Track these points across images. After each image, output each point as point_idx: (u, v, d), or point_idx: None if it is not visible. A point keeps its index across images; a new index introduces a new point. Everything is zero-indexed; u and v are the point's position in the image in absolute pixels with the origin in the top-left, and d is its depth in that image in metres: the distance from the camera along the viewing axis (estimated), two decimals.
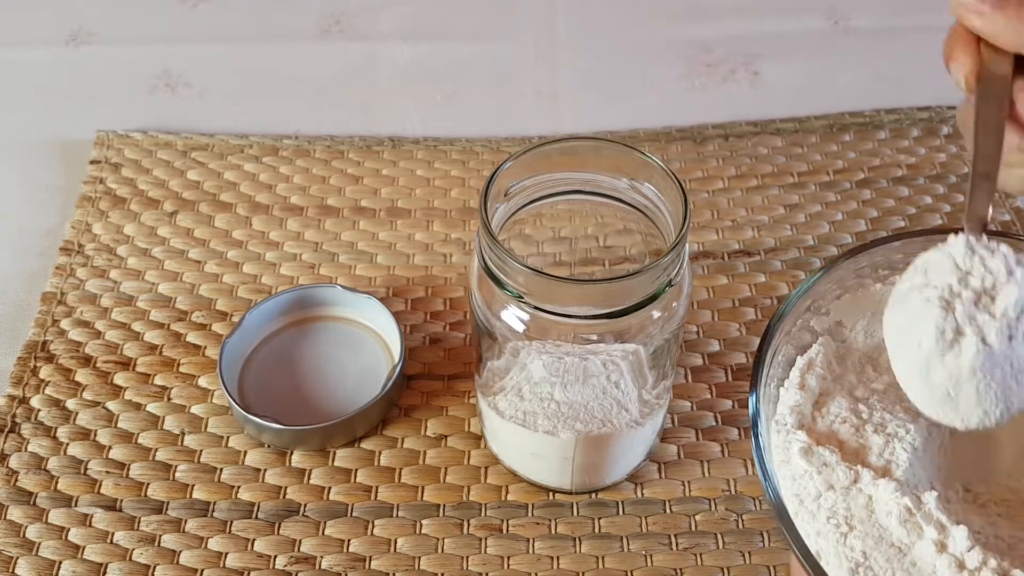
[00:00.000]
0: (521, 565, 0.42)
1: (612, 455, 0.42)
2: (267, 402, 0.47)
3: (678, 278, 0.36)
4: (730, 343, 0.50)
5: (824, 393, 0.34)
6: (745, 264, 0.53)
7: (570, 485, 0.44)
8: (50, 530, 0.43)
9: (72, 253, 0.54)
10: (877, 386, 0.34)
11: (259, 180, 0.58)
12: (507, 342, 0.38)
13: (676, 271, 0.35)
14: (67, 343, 0.50)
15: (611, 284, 0.35)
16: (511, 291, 0.35)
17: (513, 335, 0.37)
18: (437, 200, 0.57)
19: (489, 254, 0.35)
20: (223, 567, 0.42)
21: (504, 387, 0.40)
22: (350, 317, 0.51)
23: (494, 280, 0.35)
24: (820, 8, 0.72)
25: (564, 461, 0.42)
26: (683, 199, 0.35)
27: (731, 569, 0.42)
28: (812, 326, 0.35)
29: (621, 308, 0.35)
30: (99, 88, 0.66)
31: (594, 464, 0.42)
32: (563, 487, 0.44)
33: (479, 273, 0.37)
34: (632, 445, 0.42)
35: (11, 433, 0.46)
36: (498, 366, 0.40)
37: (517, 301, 0.35)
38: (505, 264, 0.34)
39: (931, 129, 0.61)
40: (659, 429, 0.45)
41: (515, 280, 0.35)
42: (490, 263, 0.35)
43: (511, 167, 0.37)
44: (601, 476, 0.44)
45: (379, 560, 0.42)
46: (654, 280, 0.34)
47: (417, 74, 0.67)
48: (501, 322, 0.37)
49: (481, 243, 0.35)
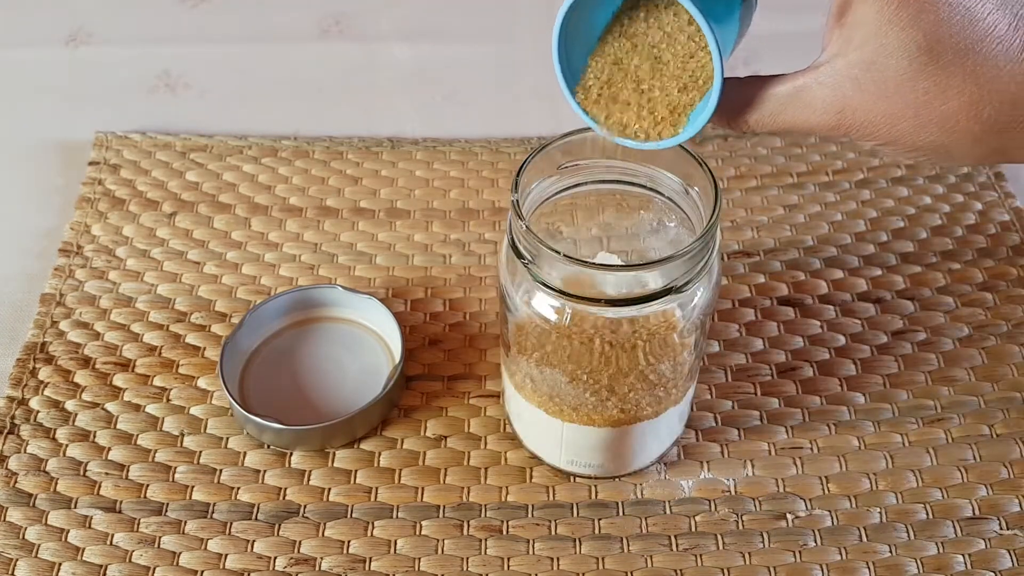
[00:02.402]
0: (521, 566, 0.42)
1: (641, 440, 0.42)
2: (267, 403, 0.47)
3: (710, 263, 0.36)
4: (730, 343, 0.50)
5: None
6: (744, 265, 0.53)
7: (599, 469, 0.44)
8: (50, 532, 0.43)
9: (71, 254, 0.54)
10: None
11: (258, 181, 0.58)
12: (535, 327, 0.38)
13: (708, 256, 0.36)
14: (66, 344, 0.50)
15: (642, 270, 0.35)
16: (539, 278, 0.35)
17: (543, 321, 0.37)
18: (436, 201, 0.57)
19: (520, 239, 0.35)
20: (223, 568, 0.42)
21: (531, 372, 0.40)
22: (350, 318, 0.51)
23: (521, 259, 0.36)
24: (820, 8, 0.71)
25: (598, 445, 0.42)
26: (713, 184, 0.36)
27: (731, 570, 0.42)
28: None
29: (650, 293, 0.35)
30: (98, 89, 0.66)
31: (622, 450, 0.43)
32: (586, 472, 0.44)
33: (508, 256, 0.37)
34: (658, 430, 0.42)
35: (10, 435, 0.46)
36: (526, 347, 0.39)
37: (547, 288, 0.35)
38: (535, 250, 0.35)
39: None
40: (686, 416, 0.45)
41: (545, 267, 0.35)
42: (519, 246, 0.36)
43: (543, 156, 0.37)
44: (628, 461, 0.44)
45: (379, 561, 0.42)
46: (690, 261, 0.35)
47: (416, 75, 0.67)
48: (531, 308, 0.37)
49: (512, 228, 0.36)
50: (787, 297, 0.52)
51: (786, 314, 0.51)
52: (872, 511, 0.43)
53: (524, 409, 0.42)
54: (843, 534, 0.42)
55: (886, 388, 0.48)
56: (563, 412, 0.41)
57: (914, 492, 0.44)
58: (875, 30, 0.31)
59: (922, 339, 0.50)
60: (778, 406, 0.47)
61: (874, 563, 0.41)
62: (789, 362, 0.49)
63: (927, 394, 0.48)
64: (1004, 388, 0.48)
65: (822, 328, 0.50)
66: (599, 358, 0.37)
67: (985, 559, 0.42)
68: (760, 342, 0.50)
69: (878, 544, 0.42)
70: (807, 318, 0.51)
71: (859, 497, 0.44)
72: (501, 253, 0.39)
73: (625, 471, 0.44)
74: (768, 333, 0.50)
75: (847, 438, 0.46)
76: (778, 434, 0.46)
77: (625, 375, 0.38)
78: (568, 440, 0.42)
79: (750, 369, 0.49)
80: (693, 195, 0.38)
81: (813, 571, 0.41)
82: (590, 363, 0.38)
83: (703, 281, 0.37)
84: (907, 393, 0.48)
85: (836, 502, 0.44)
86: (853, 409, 0.47)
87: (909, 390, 0.48)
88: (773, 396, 0.48)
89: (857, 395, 0.47)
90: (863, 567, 0.41)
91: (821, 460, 0.45)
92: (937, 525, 0.43)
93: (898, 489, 0.44)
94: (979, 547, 0.42)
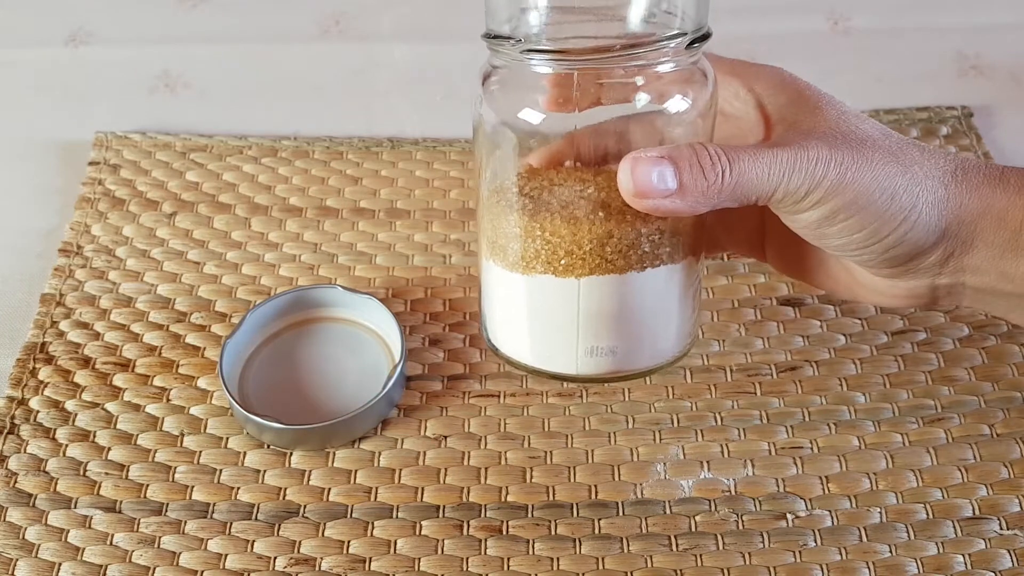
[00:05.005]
0: (521, 566, 0.42)
1: (634, 313, 0.38)
2: (267, 403, 0.47)
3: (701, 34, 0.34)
4: (730, 343, 0.50)
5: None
6: (745, 264, 0.53)
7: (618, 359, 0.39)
8: (50, 532, 0.43)
9: (71, 254, 0.54)
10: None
11: (258, 181, 0.58)
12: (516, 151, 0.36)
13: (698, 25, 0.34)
14: (66, 344, 0.50)
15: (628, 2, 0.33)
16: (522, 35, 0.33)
17: (530, 130, 0.35)
18: (436, 201, 0.57)
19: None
20: (223, 568, 0.42)
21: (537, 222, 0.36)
22: (350, 318, 0.51)
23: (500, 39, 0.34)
24: (820, 8, 0.72)
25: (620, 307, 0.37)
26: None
27: (731, 570, 0.42)
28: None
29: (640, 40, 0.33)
30: (98, 89, 0.66)
31: (610, 326, 0.38)
32: (605, 365, 0.39)
33: (484, 76, 0.36)
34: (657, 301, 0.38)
35: (10, 435, 0.46)
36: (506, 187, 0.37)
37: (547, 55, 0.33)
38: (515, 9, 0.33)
39: (930, 129, 0.61)
40: (696, 311, 0.40)
41: (526, 27, 0.33)
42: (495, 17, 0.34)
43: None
44: (648, 342, 0.39)
45: (379, 561, 0.42)
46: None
47: (416, 75, 0.67)
48: (519, 120, 0.35)
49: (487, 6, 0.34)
50: (787, 297, 0.52)
51: (786, 314, 0.51)
52: (872, 511, 0.43)
53: (523, 296, 0.38)
54: (843, 534, 0.42)
55: (886, 388, 0.48)
56: (577, 262, 0.36)
57: (914, 492, 0.44)
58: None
59: (922, 339, 0.50)
60: (778, 406, 0.47)
61: (874, 563, 0.41)
62: (789, 361, 0.49)
63: (927, 394, 0.48)
64: (1004, 388, 0.48)
65: (822, 328, 0.50)
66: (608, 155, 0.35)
67: (985, 559, 0.42)
68: (760, 342, 0.50)
69: (878, 544, 0.42)
70: (807, 318, 0.51)
71: (859, 497, 0.44)
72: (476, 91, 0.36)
73: (644, 362, 0.39)
74: (768, 333, 0.50)
75: (847, 438, 0.46)
76: (778, 434, 0.46)
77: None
78: (586, 310, 0.37)
79: (750, 369, 0.49)
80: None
81: (813, 571, 0.41)
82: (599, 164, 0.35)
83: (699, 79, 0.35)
84: (907, 393, 0.48)
85: (836, 502, 0.44)
86: (853, 409, 0.47)
87: (909, 390, 0.48)
88: (773, 396, 0.48)
89: (857, 394, 0.48)
90: (863, 567, 0.41)
91: (821, 460, 0.45)
92: (937, 525, 0.43)
93: (898, 489, 0.44)
94: (979, 547, 0.42)
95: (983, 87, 0.65)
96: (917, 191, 0.34)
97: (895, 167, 0.33)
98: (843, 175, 0.32)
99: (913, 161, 0.34)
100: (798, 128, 0.34)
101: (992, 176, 0.35)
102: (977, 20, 0.70)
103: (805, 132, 0.34)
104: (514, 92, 0.35)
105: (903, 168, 0.34)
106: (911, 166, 0.34)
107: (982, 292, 0.36)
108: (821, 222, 0.34)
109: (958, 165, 0.35)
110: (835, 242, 0.35)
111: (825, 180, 0.32)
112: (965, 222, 0.34)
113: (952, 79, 0.66)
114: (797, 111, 0.35)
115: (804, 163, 0.32)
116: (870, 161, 0.33)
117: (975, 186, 0.34)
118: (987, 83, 0.66)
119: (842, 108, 0.36)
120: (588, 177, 0.36)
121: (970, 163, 0.35)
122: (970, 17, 0.70)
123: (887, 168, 0.33)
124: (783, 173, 0.32)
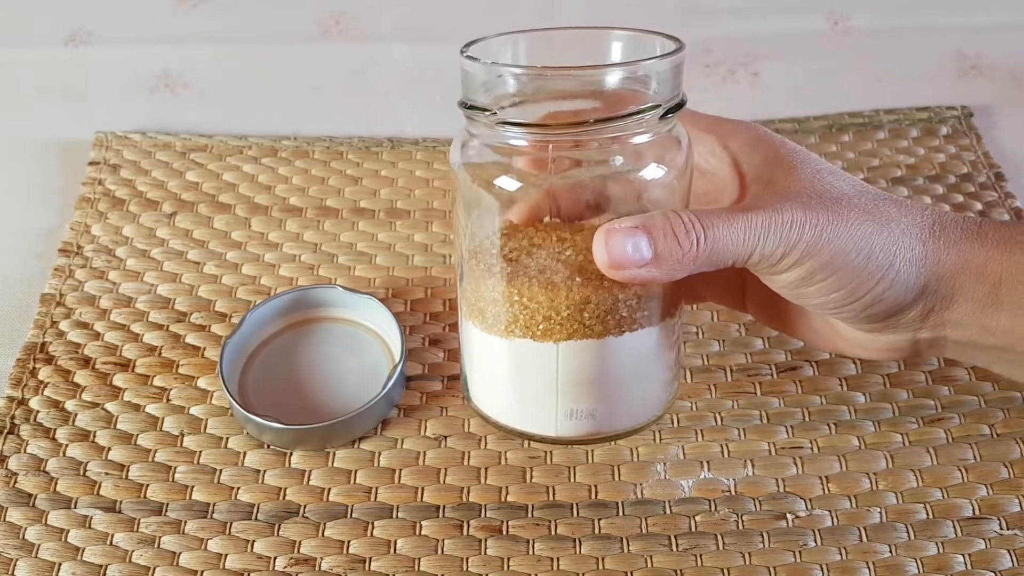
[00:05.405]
0: (521, 566, 0.42)
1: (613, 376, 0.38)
2: (267, 403, 0.47)
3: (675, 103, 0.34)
4: (730, 343, 0.50)
5: None
6: None
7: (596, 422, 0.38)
8: (49, 532, 0.43)
9: (71, 255, 0.54)
10: None
11: (258, 181, 0.58)
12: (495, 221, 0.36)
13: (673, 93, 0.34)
14: (66, 344, 0.50)
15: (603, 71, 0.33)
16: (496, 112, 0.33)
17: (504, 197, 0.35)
18: (436, 201, 0.57)
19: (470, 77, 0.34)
20: (223, 568, 0.42)
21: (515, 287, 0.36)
22: (350, 318, 0.51)
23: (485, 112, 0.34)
24: (820, 8, 0.72)
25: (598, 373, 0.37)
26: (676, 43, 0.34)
27: (731, 570, 0.42)
28: None
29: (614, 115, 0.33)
30: (98, 89, 0.66)
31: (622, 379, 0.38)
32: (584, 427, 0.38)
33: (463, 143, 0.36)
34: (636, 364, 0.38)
35: (10, 435, 0.46)
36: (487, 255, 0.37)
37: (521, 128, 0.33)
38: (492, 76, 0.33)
39: (930, 129, 0.61)
40: (676, 367, 0.40)
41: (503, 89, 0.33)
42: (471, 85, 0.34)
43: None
44: (626, 405, 0.39)
45: (379, 561, 0.42)
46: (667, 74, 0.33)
47: (416, 75, 0.67)
48: (495, 189, 0.35)
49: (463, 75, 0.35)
50: None
51: None
52: (872, 511, 0.43)
53: (503, 360, 0.38)
54: (843, 534, 0.42)
55: (886, 388, 0.48)
56: (555, 327, 0.36)
57: (914, 492, 0.44)
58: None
59: None
60: (778, 406, 0.47)
61: (874, 563, 0.41)
62: (789, 362, 0.49)
63: (927, 394, 0.48)
64: (1004, 388, 0.48)
65: None
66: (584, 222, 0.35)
67: (985, 559, 0.42)
68: (760, 342, 0.50)
69: (878, 544, 0.42)
70: None
71: (859, 497, 0.44)
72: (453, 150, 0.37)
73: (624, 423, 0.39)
74: (768, 333, 0.50)
75: (847, 438, 0.46)
76: (778, 434, 0.46)
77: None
78: (565, 374, 0.37)
79: (750, 369, 0.49)
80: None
81: (813, 571, 0.41)
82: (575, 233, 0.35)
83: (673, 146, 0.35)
84: (907, 393, 0.48)
85: (836, 502, 0.44)
86: (853, 409, 0.47)
87: (909, 390, 0.48)
88: (773, 396, 0.48)
89: (857, 395, 0.48)
90: (863, 567, 0.41)
91: (821, 460, 0.45)
92: (937, 525, 0.43)
93: (898, 489, 0.44)
94: (979, 547, 0.42)
95: (983, 87, 0.65)
96: (894, 249, 0.34)
97: (871, 225, 0.33)
98: (818, 237, 0.32)
99: (890, 219, 0.34)
100: (773, 188, 0.34)
101: (970, 231, 0.35)
102: (977, 20, 0.70)
103: (780, 193, 0.34)
104: (491, 159, 0.35)
105: (879, 226, 0.34)
106: (887, 224, 0.34)
107: (964, 345, 0.36)
108: (799, 283, 0.34)
109: (935, 220, 0.35)
110: (814, 301, 0.35)
111: (800, 243, 0.32)
112: (944, 278, 0.34)
113: (952, 79, 0.66)
114: (772, 170, 0.35)
115: (778, 227, 0.32)
116: (845, 221, 0.33)
117: (953, 241, 0.34)
118: (987, 83, 0.66)
119: (817, 165, 0.35)
120: (566, 236, 0.36)
121: (947, 218, 0.35)
122: (970, 17, 0.70)
123: (863, 227, 0.33)
124: (758, 237, 0.32)
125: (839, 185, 0.35)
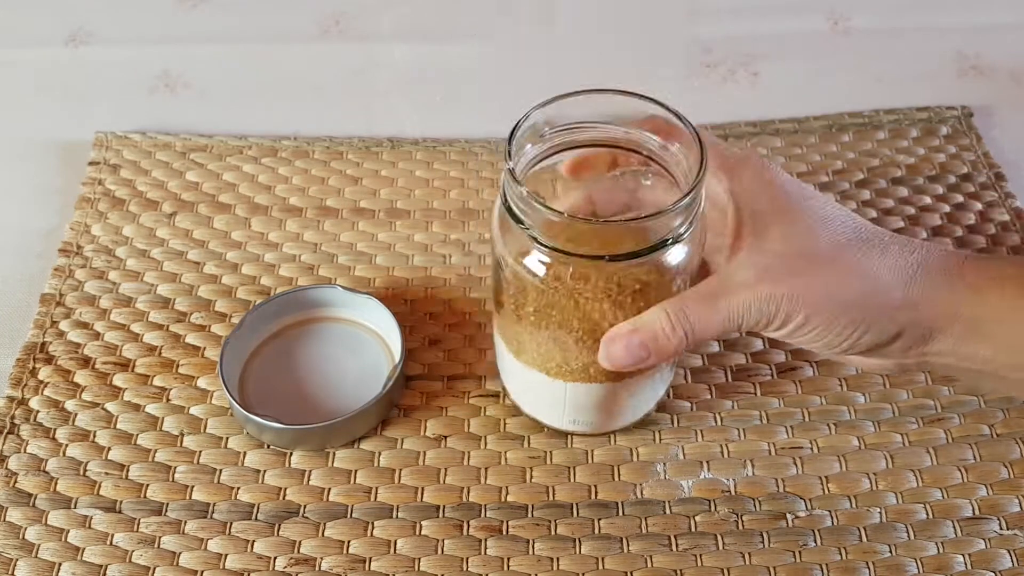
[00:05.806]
0: (521, 566, 0.42)
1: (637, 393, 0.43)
2: (268, 402, 0.47)
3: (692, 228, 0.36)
4: (730, 343, 0.50)
5: None
6: None
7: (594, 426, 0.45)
8: (50, 532, 0.43)
9: (71, 254, 0.54)
10: None
11: (258, 181, 0.58)
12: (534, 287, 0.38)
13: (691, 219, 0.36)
14: (66, 344, 0.50)
15: (632, 224, 0.36)
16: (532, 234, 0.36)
17: (540, 281, 0.37)
18: (436, 201, 0.57)
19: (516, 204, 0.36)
20: (223, 568, 0.42)
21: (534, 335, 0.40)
22: (350, 318, 0.51)
23: (516, 221, 0.36)
24: (820, 8, 0.72)
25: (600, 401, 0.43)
26: (699, 144, 0.36)
27: (731, 570, 0.42)
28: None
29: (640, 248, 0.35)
30: (98, 89, 0.66)
31: (620, 404, 0.44)
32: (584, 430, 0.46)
33: (500, 217, 0.38)
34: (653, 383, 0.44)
35: (10, 434, 0.46)
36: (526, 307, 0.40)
37: (547, 249, 0.36)
38: (528, 207, 0.35)
39: (930, 129, 0.61)
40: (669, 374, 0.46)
41: (538, 224, 0.35)
42: (516, 211, 0.36)
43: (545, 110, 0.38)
44: (624, 416, 0.45)
45: (379, 561, 0.42)
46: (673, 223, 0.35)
47: (416, 75, 0.67)
48: (523, 267, 0.37)
49: (506, 194, 0.36)
50: None
51: None
52: (872, 511, 0.43)
53: (523, 374, 0.43)
54: (843, 534, 0.42)
55: (886, 388, 0.48)
56: (566, 374, 0.41)
57: (914, 492, 0.44)
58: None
59: None
60: (778, 406, 0.47)
61: (874, 563, 0.41)
62: (789, 362, 0.49)
63: (927, 394, 0.48)
64: None
65: None
66: (599, 310, 0.38)
67: (985, 559, 0.42)
68: (760, 342, 0.50)
69: (878, 544, 0.42)
70: None
71: (859, 497, 0.44)
72: (493, 218, 0.39)
73: (620, 424, 0.46)
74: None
75: (847, 438, 0.46)
76: (778, 434, 0.46)
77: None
78: (572, 401, 0.43)
79: (750, 369, 0.49)
80: (675, 151, 0.38)
81: (813, 571, 0.41)
82: (590, 315, 0.38)
83: (695, 234, 0.37)
84: (907, 393, 0.48)
85: (836, 502, 0.44)
86: (853, 409, 0.47)
87: (909, 390, 0.48)
88: (773, 396, 0.48)
89: (857, 395, 0.48)
90: (863, 567, 0.41)
91: (821, 460, 0.45)
92: (937, 525, 0.43)
93: (898, 489, 0.44)
94: (979, 547, 0.42)
95: (983, 87, 0.65)
96: (871, 303, 0.36)
97: (854, 280, 0.36)
98: (794, 304, 0.36)
99: (869, 272, 0.36)
100: (761, 249, 0.37)
101: (952, 273, 0.36)
102: (977, 20, 0.70)
103: (764, 264, 0.36)
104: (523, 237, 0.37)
105: (861, 280, 0.36)
106: (866, 278, 0.36)
107: (948, 368, 0.38)
108: (785, 336, 0.37)
109: (920, 263, 0.37)
110: (802, 344, 0.38)
111: (779, 312, 0.36)
112: (919, 323, 0.36)
113: (952, 79, 0.66)
114: (769, 222, 0.37)
115: (757, 303, 0.36)
116: (824, 284, 0.36)
117: (935, 285, 0.36)
118: (987, 83, 0.66)
119: (814, 215, 0.37)
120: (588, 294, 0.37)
121: (933, 261, 0.37)
122: (970, 17, 0.70)
123: (841, 288, 0.36)
124: (740, 316, 0.36)
125: (831, 238, 0.37)
